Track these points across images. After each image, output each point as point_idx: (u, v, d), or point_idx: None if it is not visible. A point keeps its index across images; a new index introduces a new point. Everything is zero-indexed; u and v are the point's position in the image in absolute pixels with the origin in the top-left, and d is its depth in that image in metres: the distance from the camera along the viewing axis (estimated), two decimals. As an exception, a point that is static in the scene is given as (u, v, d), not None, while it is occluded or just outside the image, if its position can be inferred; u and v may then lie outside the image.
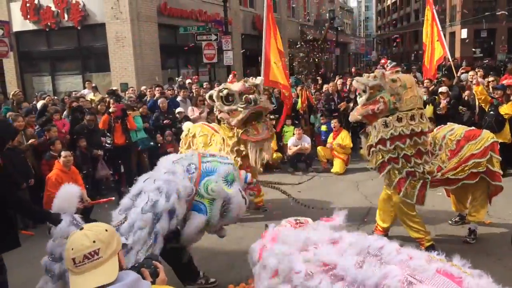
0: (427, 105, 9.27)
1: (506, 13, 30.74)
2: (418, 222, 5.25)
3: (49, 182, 6.29)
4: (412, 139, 4.88)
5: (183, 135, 7.12)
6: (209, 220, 4.14)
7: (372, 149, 5.12)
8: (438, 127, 5.77)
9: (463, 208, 5.97)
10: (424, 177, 5.05)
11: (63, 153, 6.55)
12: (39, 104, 9.97)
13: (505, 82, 9.02)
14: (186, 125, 7.49)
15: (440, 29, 11.25)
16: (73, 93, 12.65)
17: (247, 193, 4.42)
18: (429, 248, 4.64)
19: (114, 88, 13.39)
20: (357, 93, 5.36)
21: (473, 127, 5.70)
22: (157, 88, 11.47)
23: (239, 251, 5.65)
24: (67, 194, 3.99)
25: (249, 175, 4.58)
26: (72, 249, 1.85)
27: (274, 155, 9.62)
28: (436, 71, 12.00)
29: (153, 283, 2.08)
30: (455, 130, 5.41)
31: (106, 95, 11.23)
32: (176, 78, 16.40)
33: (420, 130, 4.90)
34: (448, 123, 5.83)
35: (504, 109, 8.13)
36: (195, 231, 4.14)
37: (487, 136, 5.29)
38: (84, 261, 1.83)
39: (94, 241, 1.85)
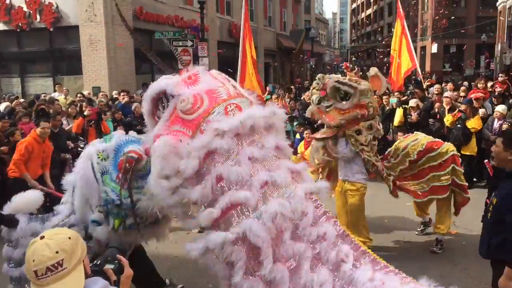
0: (397, 109, 9.59)
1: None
2: (365, 227, 5.39)
3: (20, 147, 6.18)
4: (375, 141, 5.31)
5: None
6: None
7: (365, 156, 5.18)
8: (405, 135, 5.99)
9: (424, 214, 6.12)
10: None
11: (41, 124, 6.42)
12: (2, 106, 9.67)
13: (473, 96, 9.32)
14: None
15: (410, 42, 11.52)
16: (42, 95, 12.36)
17: None
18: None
19: (85, 92, 13.17)
20: (323, 96, 5.12)
21: (438, 140, 5.85)
22: (122, 93, 11.32)
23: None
24: (29, 199, 3.84)
25: None
26: (33, 260, 1.71)
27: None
28: (403, 83, 12.30)
29: (118, 280, 1.95)
30: (418, 140, 5.54)
31: (77, 99, 11.03)
32: (152, 83, 16.20)
33: (379, 136, 5.37)
34: (415, 132, 6.06)
35: (471, 123, 8.39)
36: None
37: (446, 149, 5.42)
38: (47, 274, 1.69)
39: (57, 252, 1.71)
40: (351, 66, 5.74)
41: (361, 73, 5.53)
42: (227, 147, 2.66)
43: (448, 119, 8.78)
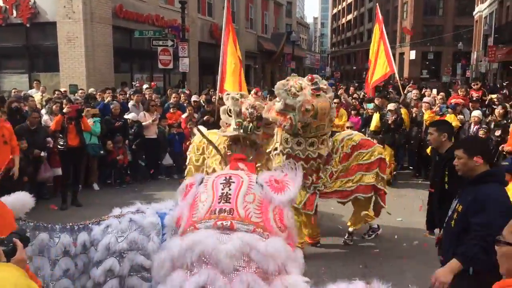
0: (374, 114, 9.68)
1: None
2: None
3: None
4: (308, 163, 5.21)
5: (196, 140, 6.42)
6: None
7: (274, 152, 5.28)
8: (339, 133, 6.05)
9: (369, 219, 6.14)
10: (315, 186, 5.37)
11: None
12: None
13: (453, 101, 9.56)
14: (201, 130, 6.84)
15: (389, 46, 11.66)
16: (13, 91, 12.04)
17: None
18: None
19: (62, 89, 12.90)
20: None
21: (371, 140, 5.97)
22: (107, 91, 11.13)
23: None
24: (17, 201, 3.45)
25: None
26: None
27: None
28: (374, 89, 12.40)
29: (7, 261, 1.81)
30: (353, 135, 5.62)
31: (54, 96, 10.78)
32: (133, 83, 16.04)
33: (317, 155, 5.20)
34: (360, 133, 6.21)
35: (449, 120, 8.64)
36: None
37: (376, 151, 5.51)
38: None
39: None
40: (316, 81, 5.39)
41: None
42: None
43: (427, 116, 8.94)
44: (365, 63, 51.80)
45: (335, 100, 11.35)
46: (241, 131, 4.79)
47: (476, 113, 8.87)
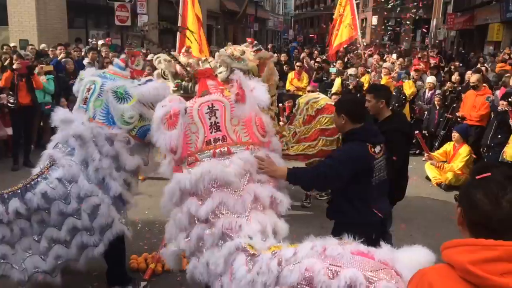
0: (336, 78, 9.79)
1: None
2: None
3: None
4: None
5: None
6: None
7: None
8: (305, 95, 6.01)
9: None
10: None
11: None
12: None
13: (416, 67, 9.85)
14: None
15: (355, 9, 11.65)
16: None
17: None
18: None
19: (12, 44, 12.15)
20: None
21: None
22: (59, 48, 10.57)
23: (146, 222, 5.51)
24: None
25: None
26: None
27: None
28: (335, 52, 12.41)
29: None
30: (319, 99, 5.52)
31: (2, 51, 10.14)
32: (90, 40, 15.29)
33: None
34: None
35: (406, 86, 8.87)
36: None
37: None
38: None
39: None
40: (255, 43, 5.26)
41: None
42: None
43: (384, 82, 9.12)
44: (328, 27, 51.70)
45: (297, 64, 11.39)
46: (182, 91, 4.64)
47: (431, 79, 9.12)
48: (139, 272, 4.35)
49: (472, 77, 7.89)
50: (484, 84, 7.87)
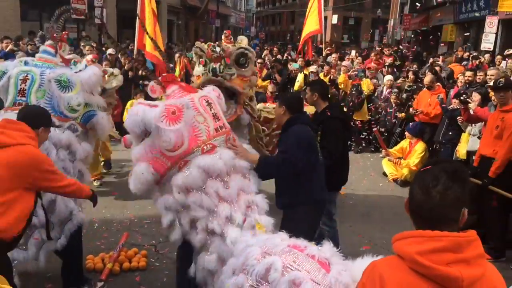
0: (299, 74, 9.90)
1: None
2: None
3: None
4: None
5: None
6: None
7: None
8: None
9: None
10: None
11: None
12: None
13: (371, 65, 10.06)
14: None
15: (323, 4, 11.85)
16: None
17: None
18: None
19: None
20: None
21: None
22: (5, 41, 10.12)
23: (104, 221, 5.37)
24: None
25: None
26: None
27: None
28: (301, 47, 12.52)
29: None
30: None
31: None
32: (41, 32, 14.71)
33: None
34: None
35: (364, 84, 9.08)
36: None
37: None
38: None
39: None
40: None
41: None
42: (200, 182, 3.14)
43: (341, 79, 9.30)
44: (290, 25, 52.13)
45: (259, 61, 11.41)
46: (210, 74, 4.65)
47: (388, 77, 9.39)
48: (95, 272, 4.24)
49: (425, 78, 8.16)
50: (438, 84, 8.17)
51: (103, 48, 12.88)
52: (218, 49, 4.71)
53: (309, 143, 3.57)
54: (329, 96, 9.74)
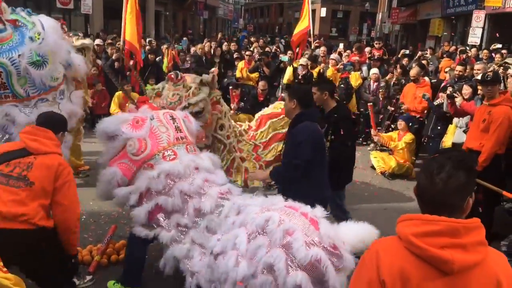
0: (288, 67, 10.01)
1: None
2: None
3: None
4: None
5: None
6: None
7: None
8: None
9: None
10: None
11: None
12: None
13: (353, 58, 10.06)
14: None
15: (310, 1, 11.83)
16: None
17: None
18: None
19: None
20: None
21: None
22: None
23: (91, 213, 5.32)
24: None
25: None
26: None
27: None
28: (296, 44, 12.49)
29: None
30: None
31: None
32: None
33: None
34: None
35: (352, 78, 9.08)
36: None
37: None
38: None
39: None
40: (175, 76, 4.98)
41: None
42: (161, 186, 3.51)
43: (329, 73, 9.31)
44: (278, 17, 51.95)
45: (247, 53, 11.36)
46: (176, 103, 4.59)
47: (374, 71, 9.42)
48: (83, 264, 4.20)
49: (411, 71, 8.21)
50: (425, 78, 8.22)
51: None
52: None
53: (318, 142, 3.62)
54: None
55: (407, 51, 15.03)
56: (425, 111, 7.81)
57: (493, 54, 11.29)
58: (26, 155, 2.99)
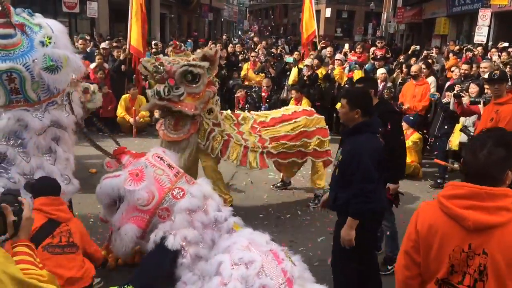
0: (293, 68, 9.98)
1: None
2: (223, 185, 5.43)
3: None
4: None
5: None
6: None
7: (212, 134, 5.06)
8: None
9: (289, 176, 6.51)
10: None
11: None
12: None
13: (353, 58, 10.13)
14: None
15: (313, 3, 11.82)
16: None
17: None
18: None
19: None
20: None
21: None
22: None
23: (98, 216, 5.33)
24: None
25: None
26: None
27: (141, 119, 9.28)
28: (306, 46, 12.48)
29: (18, 221, 1.85)
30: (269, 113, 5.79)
31: None
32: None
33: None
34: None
35: (356, 76, 9.08)
36: None
37: (303, 123, 5.55)
38: None
39: None
40: (179, 45, 5.26)
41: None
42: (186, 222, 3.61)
43: (336, 72, 9.28)
44: (283, 19, 51.94)
45: (252, 54, 11.38)
46: (156, 97, 4.59)
47: (380, 71, 9.37)
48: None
49: (413, 66, 8.17)
50: (431, 77, 8.18)
51: (97, 42, 12.78)
52: (162, 68, 4.57)
53: (380, 160, 3.30)
54: (324, 89, 9.79)
55: (418, 47, 14.93)
56: (424, 110, 7.78)
57: (499, 53, 11.22)
58: (57, 225, 3.38)
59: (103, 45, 10.86)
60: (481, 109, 5.72)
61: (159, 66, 4.56)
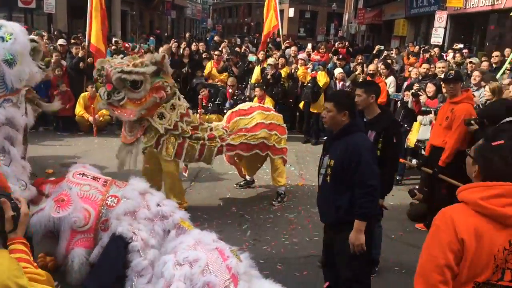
0: (256, 67, 10.02)
1: None
2: (182, 191, 5.42)
3: None
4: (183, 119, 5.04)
5: None
6: None
7: (163, 138, 4.96)
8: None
9: (251, 174, 6.56)
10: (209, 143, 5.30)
11: None
12: None
13: (317, 57, 10.27)
14: None
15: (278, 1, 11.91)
16: None
17: None
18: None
19: None
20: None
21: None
22: None
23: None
24: None
25: None
26: None
27: (102, 118, 9.05)
28: (266, 39, 12.56)
29: (17, 216, 1.86)
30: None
31: None
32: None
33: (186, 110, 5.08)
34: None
35: (319, 80, 9.11)
36: None
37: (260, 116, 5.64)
38: None
39: None
40: (131, 45, 5.32)
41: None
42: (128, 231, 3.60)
43: (300, 72, 9.36)
44: (246, 17, 51.92)
45: (216, 53, 11.32)
46: (103, 100, 4.61)
47: (337, 71, 9.55)
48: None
49: (370, 65, 8.36)
50: (391, 77, 8.40)
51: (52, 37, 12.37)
52: (103, 72, 4.50)
53: (374, 155, 3.33)
54: (287, 88, 9.86)
55: (382, 47, 15.31)
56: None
57: (453, 53, 11.66)
58: None
59: (59, 41, 10.50)
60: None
61: (101, 70, 4.48)
